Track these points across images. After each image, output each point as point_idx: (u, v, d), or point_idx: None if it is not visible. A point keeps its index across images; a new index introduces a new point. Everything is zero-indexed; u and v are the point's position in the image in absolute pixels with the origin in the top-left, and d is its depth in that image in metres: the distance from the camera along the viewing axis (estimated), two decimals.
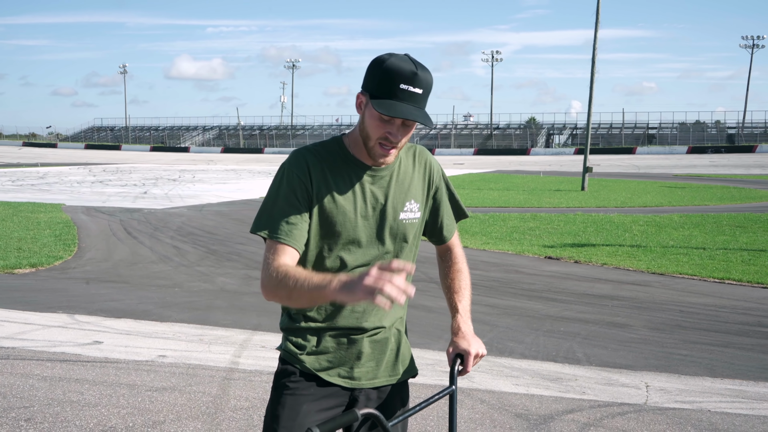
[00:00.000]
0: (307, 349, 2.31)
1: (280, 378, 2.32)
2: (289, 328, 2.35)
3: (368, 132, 2.20)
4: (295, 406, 2.27)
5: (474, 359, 2.33)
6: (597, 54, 31.90)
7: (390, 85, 2.12)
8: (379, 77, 2.14)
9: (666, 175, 43.95)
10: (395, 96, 2.12)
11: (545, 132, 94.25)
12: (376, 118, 2.16)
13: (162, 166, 54.98)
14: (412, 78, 2.13)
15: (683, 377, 5.96)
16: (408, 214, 2.34)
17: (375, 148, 2.21)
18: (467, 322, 2.41)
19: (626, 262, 11.95)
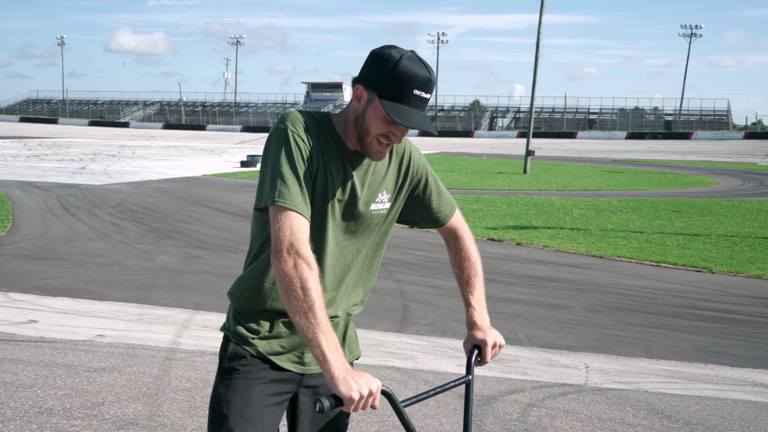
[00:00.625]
0: (261, 334, 2.23)
1: (231, 361, 2.23)
2: (241, 311, 2.26)
3: (368, 128, 2.11)
4: (247, 390, 2.19)
5: (492, 349, 2.31)
6: (541, 39, 32.21)
7: (404, 91, 2.05)
8: (391, 80, 2.05)
9: (605, 160, 44.81)
10: (408, 101, 2.06)
11: (489, 115, 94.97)
12: (382, 118, 2.08)
13: (101, 142, 53.72)
14: (426, 84, 2.07)
15: (621, 358, 6.10)
16: (378, 205, 2.26)
17: (372, 144, 2.13)
18: (482, 315, 2.38)
19: (567, 245, 12.15)
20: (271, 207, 2.02)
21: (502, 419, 4.50)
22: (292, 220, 2.00)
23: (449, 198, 2.46)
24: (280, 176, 2.04)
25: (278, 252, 1.98)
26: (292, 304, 1.94)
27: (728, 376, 5.70)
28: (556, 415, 4.64)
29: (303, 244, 1.98)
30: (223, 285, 8.35)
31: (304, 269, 1.95)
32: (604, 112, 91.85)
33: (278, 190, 2.02)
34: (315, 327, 1.90)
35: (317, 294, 1.94)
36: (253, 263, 2.24)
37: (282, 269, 1.96)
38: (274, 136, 2.11)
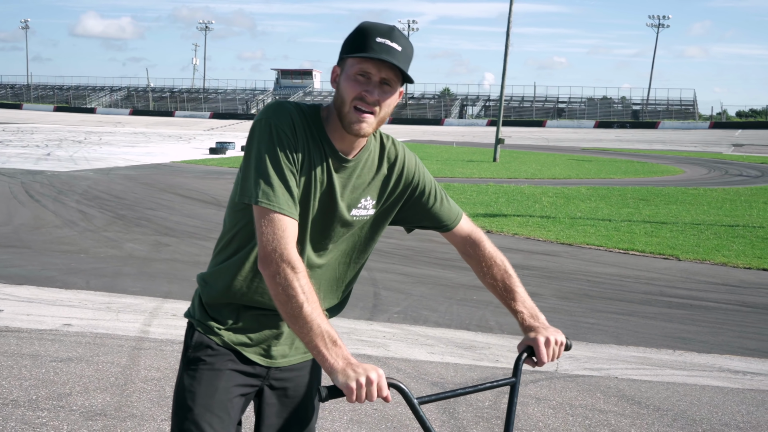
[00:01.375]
0: (228, 325, 2.18)
1: (196, 350, 2.17)
2: (209, 302, 2.20)
3: (343, 96, 2.00)
4: (213, 381, 2.13)
5: (547, 348, 2.12)
6: (511, 27, 32.28)
7: (365, 39, 1.97)
8: (354, 35, 2.00)
9: (574, 149, 45.16)
10: (371, 49, 1.96)
11: (459, 103, 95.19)
12: (352, 77, 1.99)
13: (67, 127, 52.90)
14: (389, 32, 1.99)
15: (591, 345, 6.14)
16: (360, 211, 2.16)
17: (350, 114, 2.00)
18: (534, 315, 2.22)
19: (536, 233, 12.22)
20: (255, 207, 1.96)
21: (474, 407, 4.51)
22: (276, 223, 1.94)
23: (454, 206, 2.34)
24: (264, 174, 1.96)
25: (263, 258, 1.93)
26: (283, 311, 1.90)
27: (695, 362, 5.77)
28: (528, 402, 4.66)
29: (286, 247, 1.92)
30: (192, 273, 8.26)
31: (288, 274, 1.89)
32: (572, 101, 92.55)
33: (262, 189, 1.95)
34: (308, 331, 1.85)
35: (305, 297, 1.88)
36: (228, 259, 2.16)
37: (268, 275, 1.92)
38: (257, 127, 2.02)
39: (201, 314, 2.20)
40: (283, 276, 1.88)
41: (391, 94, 2.03)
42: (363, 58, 1.96)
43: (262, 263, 1.93)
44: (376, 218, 2.22)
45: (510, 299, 2.27)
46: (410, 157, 2.24)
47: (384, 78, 1.99)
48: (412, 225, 2.33)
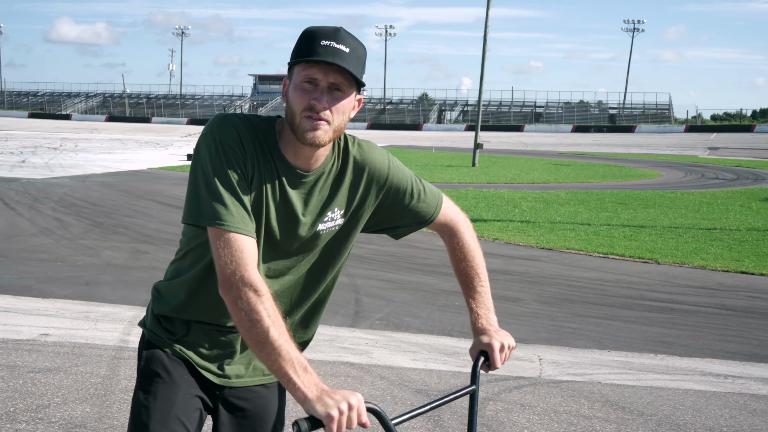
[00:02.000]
0: (179, 336, 2.09)
1: (149, 362, 2.08)
2: (162, 314, 2.11)
3: (292, 108, 1.89)
4: (169, 396, 2.04)
5: (501, 353, 2.11)
6: (488, 32, 32.41)
7: (310, 44, 1.86)
8: (299, 41, 1.90)
9: (552, 153, 45.41)
10: (315, 53, 1.85)
11: (437, 108, 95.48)
12: (299, 86, 1.88)
13: (42, 134, 52.34)
14: (334, 33, 1.87)
15: (573, 350, 6.15)
16: (327, 224, 2.05)
17: (302, 123, 1.88)
18: (487, 318, 2.18)
19: (516, 237, 12.25)
20: (209, 229, 1.85)
21: (459, 414, 4.49)
22: (233, 243, 1.82)
23: (432, 192, 2.22)
24: (214, 192, 1.84)
25: (222, 282, 1.82)
26: (247, 337, 1.79)
27: (677, 366, 5.79)
28: (512, 408, 4.65)
29: (246, 268, 1.80)
30: None
31: (251, 298, 1.78)
32: (550, 105, 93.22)
33: (214, 209, 1.83)
34: (276, 357, 1.74)
35: (270, 321, 1.77)
36: (183, 274, 2.08)
37: (230, 301, 1.81)
38: (203, 143, 1.90)
39: (153, 324, 2.13)
40: (246, 300, 1.78)
41: (342, 99, 1.90)
42: (308, 64, 1.86)
43: (223, 288, 1.82)
44: (345, 227, 2.10)
45: (470, 297, 2.23)
46: (379, 157, 2.11)
47: (333, 83, 1.87)
48: (391, 228, 2.23)
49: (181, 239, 2.13)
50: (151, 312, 2.15)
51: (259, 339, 1.75)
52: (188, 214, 1.89)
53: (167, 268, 2.18)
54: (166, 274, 2.17)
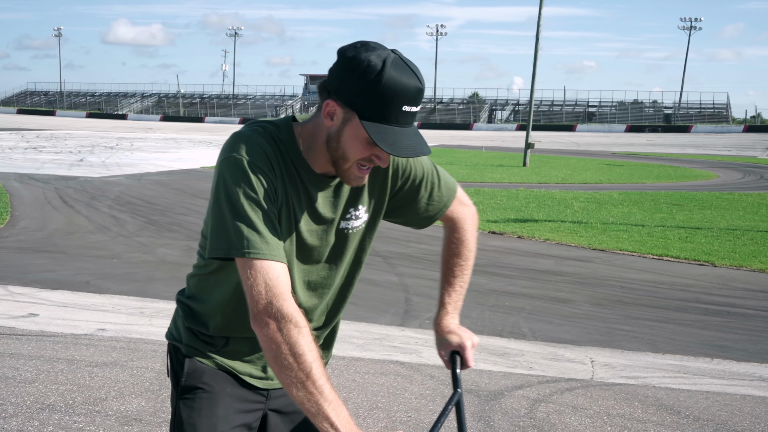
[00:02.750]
0: (219, 347, 1.99)
1: (190, 378, 1.96)
2: (199, 330, 2.00)
3: (346, 153, 1.77)
4: (214, 410, 1.95)
5: (472, 350, 2.12)
6: (541, 31, 32.10)
7: (391, 109, 1.69)
8: (375, 97, 1.68)
9: (605, 153, 44.76)
10: (396, 121, 1.71)
11: (488, 107, 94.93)
12: (363, 140, 1.74)
13: (99, 134, 53.55)
14: (416, 97, 1.72)
15: (626, 352, 6.05)
16: (353, 222, 1.96)
17: (351, 170, 1.79)
18: (455, 317, 2.19)
19: (568, 238, 12.10)
20: (238, 260, 1.71)
21: (510, 415, 4.45)
22: (266, 272, 1.68)
23: (448, 186, 2.14)
24: (243, 219, 1.70)
25: (257, 315, 1.68)
26: (285, 375, 1.65)
27: (735, 370, 5.65)
28: (564, 410, 4.59)
29: (284, 299, 1.67)
30: None
31: (291, 331, 1.65)
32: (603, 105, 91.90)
33: (245, 237, 1.69)
34: (317, 397, 1.62)
35: (312, 357, 1.65)
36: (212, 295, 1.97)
37: (265, 335, 1.67)
38: (226, 167, 1.75)
39: (189, 338, 2.01)
40: (287, 334, 1.65)
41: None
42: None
43: (256, 322, 1.69)
44: (370, 223, 2.02)
45: (447, 293, 2.21)
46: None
47: None
48: (402, 217, 2.13)
49: (201, 252, 1.99)
50: (184, 326, 2.03)
51: (299, 378, 1.64)
52: (216, 247, 1.74)
53: (188, 280, 2.07)
54: (189, 287, 2.06)
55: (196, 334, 2.00)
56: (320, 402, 1.62)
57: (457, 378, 2.03)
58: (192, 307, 2.01)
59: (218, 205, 1.74)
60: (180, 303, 2.06)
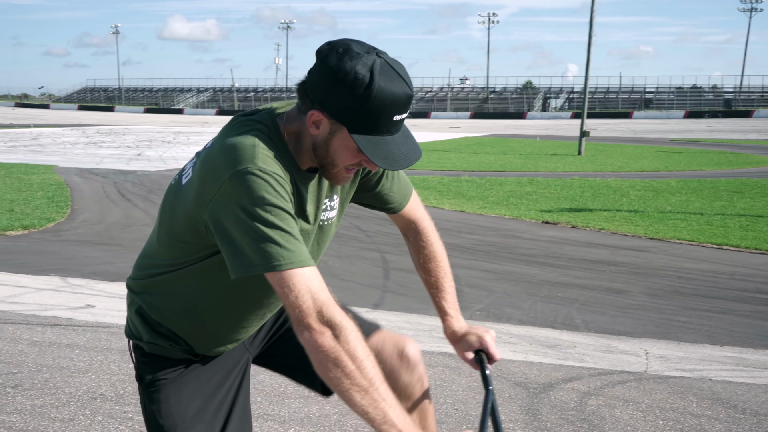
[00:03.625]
0: (188, 342, 1.96)
1: (155, 371, 1.95)
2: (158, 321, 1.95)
3: (335, 160, 1.75)
4: (180, 391, 1.94)
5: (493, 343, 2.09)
6: (594, 17, 31.51)
7: (383, 121, 1.66)
8: (365, 112, 1.64)
9: (663, 140, 43.81)
10: (388, 131, 1.68)
11: (542, 96, 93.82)
12: (354, 150, 1.71)
13: (156, 128, 54.56)
14: (406, 104, 1.68)
15: (682, 344, 5.90)
16: (328, 213, 1.95)
17: (339, 173, 1.79)
18: (459, 317, 2.17)
19: (624, 227, 11.87)
20: (272, 275, 1.62)
21: (558, 408, 4.38)
22: (308, 281, 1.61)
23: (405, 183, 2.14)
24: (276, 231, 1.62)
25: (306, 326, 1.60)
26: (344, 384, 1.57)
27: None
28: (615, 404, 4.49)
29: (332, 305, 1.62)
30: None
31: (349, 337, 1.59)
32: (660, 90, 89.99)
33: (277, 250, 1.61)
34: (382, 403, 1.56)
35: (372, 361, 1.60)
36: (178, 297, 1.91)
37: (320, 346, 1.59)
38: (241, 181, 1.63)
39: (151, 335, 1.97)
40: (345, 342, 1.58)
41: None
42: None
43: (307, 330, 1.60)
44: (339, 211, 2.03)
45: (441, 299, 2.17)
46: None
47: None
48: (365, 201, 2.13)
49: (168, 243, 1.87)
50: (141, 321, 1.98)
51: (361, 385, 1.57)
52: (244, 265, 1.64)
53: (141, 270, 2.01)
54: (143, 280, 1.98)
55: (160, 334, 1.96)
56: (386, 409, 1.57)
57: (487, 377, 1.98)
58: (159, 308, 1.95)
59: (240, 221, 1.63)
60: (140, 300, 1.99)
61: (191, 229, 1.76)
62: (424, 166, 23.28)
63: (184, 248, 1.83)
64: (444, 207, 14.21)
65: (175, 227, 1.81)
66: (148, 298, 1.96)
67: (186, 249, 1.83)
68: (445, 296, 2.16)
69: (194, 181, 1.73)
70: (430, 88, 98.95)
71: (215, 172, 1.66)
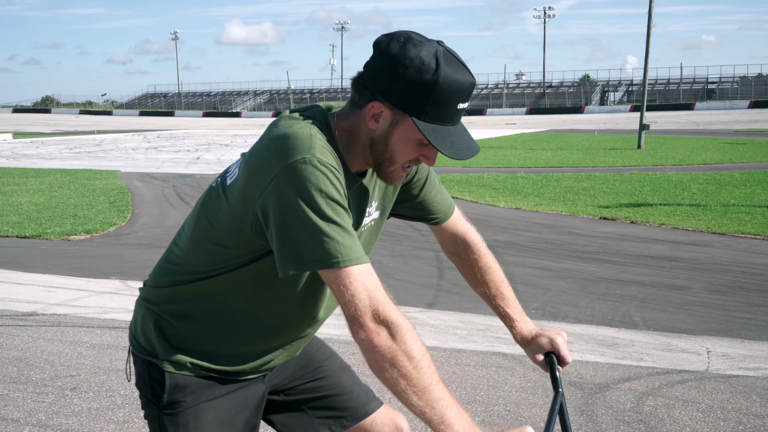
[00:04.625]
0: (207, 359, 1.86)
1: (174, 392, 1.84)
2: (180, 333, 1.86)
3: (394, 156, 1.69)
4: (199, 419, 1.85)
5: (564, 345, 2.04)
6: (653, 7, 30.83)
7: (449, 108, 1.62)
8: (432, 98, 1.60)
9: (726, 131, 42.63)
10: (452, 120, 1.64)
11: (600, 89, 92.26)
12: (414, 142, 1.66)
13: (214, 132, 55.47)
14: (470, 92, 1.65)
15: (746, 342, 5.71)
16: (366, 219, 1.88)
17: (396, 171, 1.73)
18: (526, 321, 2.13)
19: (685, 222, 11.57)
20: (326, 272, 1.57)
21: (614, 409, 4.27)
22: (364, 278, 1.56)
23: (447, 194, 2.10)
24: (331, 226, 1.56)
25: (362, 325, 1.55)
26: (401, 385, 1.53)
27: None
28: (674, 404, 4.36)
29: (388, 304, 1.57)
30: None
31: (405, 336, 1.55)
32: (723, 80, 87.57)
33: (334, 246, 1.55)
34: (439, 404, 1.53)
35: (428, 361, 1.56)
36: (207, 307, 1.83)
37: (377, 345, 1.54)
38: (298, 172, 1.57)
39: (168, 350, 1.86)
40: (402, 342, 1.54)
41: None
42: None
43: (363, 329, 1.56)
44: (379, 220, 1.96)
45: (504, 306, 2.13)
46: None
47: None
48: (398, 214, 2.08)
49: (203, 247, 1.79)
50: (162, 337, 1.87)
51: (419, 385, 1.53)
52: (299, 261, 1.58)
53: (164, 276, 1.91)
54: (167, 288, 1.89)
55: (174, 346, 1.86)
56: (443, 410, 1.53)
57: (557, 379, 1.94)
58: (177, 328, 1.86)
59: (296, 215, 1.56)
60: (155, 316, 1.89)
61: (234, 231, 1.69)
62: (480, 163, 23.13)
63: (223, 253, 1.76)
64: (499, 204, 14.07)
65: (216, 230, 1.74)
66: (171, 306, 1.87)
67: (225, 254, 1.75)
68: (509, 303, 2.13)
69: (240, 179, 1.67)
70: (486, 85, 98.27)
71: (267, 164, 1.60)
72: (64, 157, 28.78)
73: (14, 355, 5.28)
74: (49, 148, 35.15)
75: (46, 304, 6.82)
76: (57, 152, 32.35)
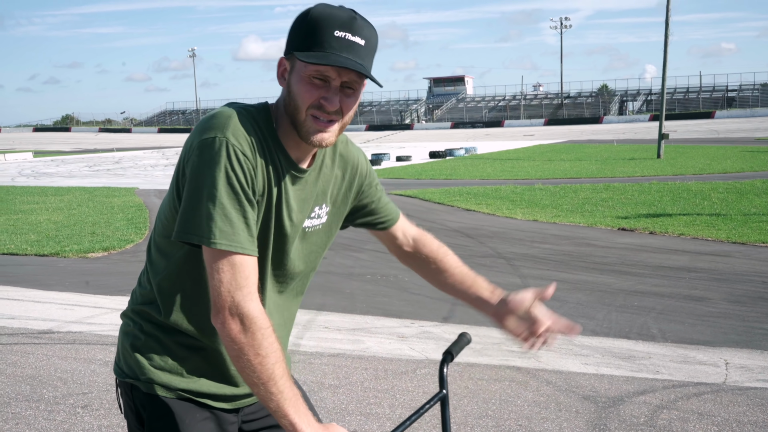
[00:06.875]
0: (183, 366, 1.85)
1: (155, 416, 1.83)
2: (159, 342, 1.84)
3: (296, 102, 1.70)
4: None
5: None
6: (671, 15, 30.71)
7: (321, 34, 1.65)
8: (306, 28, 1.67)
9: (747, 139, 42.24)
10: (329, 46, 1.65)
11: (618, 99, 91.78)
12: (306, 79, 1.68)
13: None
14: (349, 23, 1.67)
15: (766, 353, 5.61)
16: (313, 221, 1.88)
17: (307, 122, 1.71)
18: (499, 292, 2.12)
19: (705, 232, 11.45)
20: (206, 249, 1.62)
21: (627, 423, 4.20)
22: (235, 267, 1.61)
23: (392, 203, 2.13)
24: (219, 206, 1.61)
25: (219, 312, 1.62)
26: (247, 375, 1.62)
27: None
28: (688, 417, 4.29)
29: (249, 298, 1.62)
30: (346, 285, 8.37)
31: (255, 334, 1.61)
32: (744, 88, 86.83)
33: (218, 227, 1.60)
34: (278, 396, 1.61)
35: (276, 358, 1.62)
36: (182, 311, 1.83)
37: (228, 335, 1.61)
38: (206, 149, 1.63)
39: (144, 369, 1.84)
40: (251, 337, 1.60)
41: (355, 98, 1.74)
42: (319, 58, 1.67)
43: (219, 319, 1.62)
44: (328, 223, 1.95)
45: (475, 286, 2.13)
46: (359, 152, 2.01)
47: (345, 81, 1.69)
48: (350, 223, 2.08)
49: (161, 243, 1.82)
50: (139, 353, 1.86)
51: (261, 379, 1.61)
52: (185, 231, 1.63)
53: (140, 288, 1.92)
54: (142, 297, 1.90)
55: (157, 367, 1.84)
56: (280, 401, 1.62)
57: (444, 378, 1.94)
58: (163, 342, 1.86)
59: (193, 188, 1.63)
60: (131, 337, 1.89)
61: (174, 212, 1.73)
62: (497, 175, 23.07)
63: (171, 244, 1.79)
64: (516, 216, 14.01)
65: (163, 223, 1.79)
66: (141, 320, 1.89)
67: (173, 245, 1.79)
68: (477, 281, 2.14)
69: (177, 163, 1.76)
70: (503, 96, 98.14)
71: (190, 140, 1.70)
72: (83, 175, 29.06)
73: (28, 373, 5.30)
74: (69, 167, 35.53)
75: (62, 322, 6.85)
76: (77, 170, 32.68)
